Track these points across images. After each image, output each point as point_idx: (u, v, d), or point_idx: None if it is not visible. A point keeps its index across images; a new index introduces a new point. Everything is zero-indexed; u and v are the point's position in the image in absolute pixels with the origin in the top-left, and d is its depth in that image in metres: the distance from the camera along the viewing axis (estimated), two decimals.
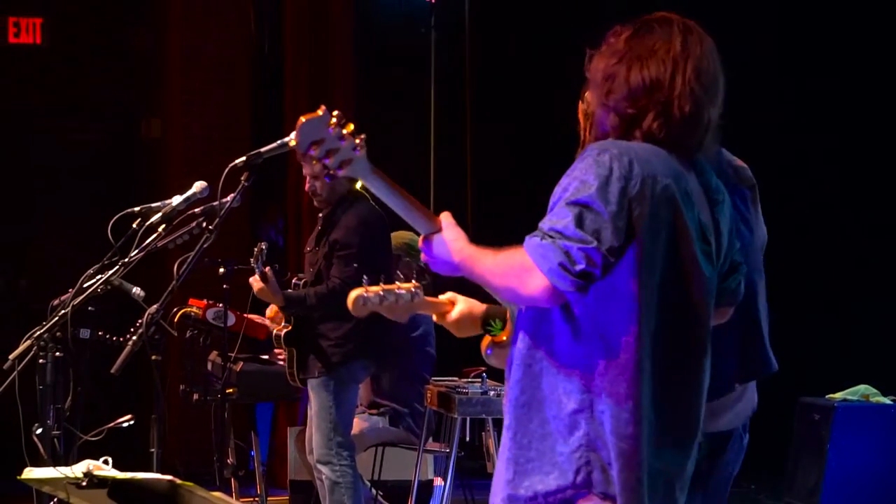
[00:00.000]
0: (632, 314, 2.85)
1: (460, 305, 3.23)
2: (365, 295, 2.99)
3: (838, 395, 7.81)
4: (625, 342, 2.85)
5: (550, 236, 2.82)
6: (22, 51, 9.76)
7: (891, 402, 7.77)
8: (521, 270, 2.84)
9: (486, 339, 3.19)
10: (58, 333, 4.46)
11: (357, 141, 2.78)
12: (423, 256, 3.04)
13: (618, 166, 2.85)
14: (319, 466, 6.39)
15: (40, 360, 4.53)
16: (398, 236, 6.86)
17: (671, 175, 2.92)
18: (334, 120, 2.76)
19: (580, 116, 4.11)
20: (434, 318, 3.31)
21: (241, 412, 7.69)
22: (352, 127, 2.77)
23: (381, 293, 3.03)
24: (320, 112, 2.76)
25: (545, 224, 2.85)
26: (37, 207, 9.74)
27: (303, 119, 2.76)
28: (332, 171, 2.78)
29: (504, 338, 3.14)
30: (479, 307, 3.24)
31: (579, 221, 2.81)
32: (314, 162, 2.76)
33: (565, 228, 2.81)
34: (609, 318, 2.85)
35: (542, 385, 2.91)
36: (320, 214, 6.55)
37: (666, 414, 2.91)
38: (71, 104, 10.00)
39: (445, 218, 3.01)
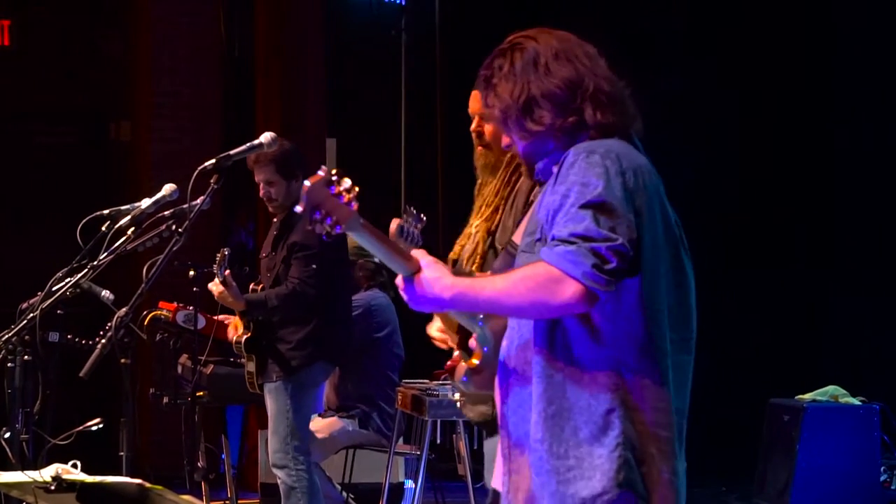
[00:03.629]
0: (650, 306, 2.88)
1: None
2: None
3: (808, 396, 7.84)
4: (650, 335, 2.88)
5: (572, 242, 2.80)
6: None
7: (859, 403, 7.80)
8: (549, 282, 2.80)
9: (461, 368, 3.11)
10: (26, 337, 4.43)
11: (351, 196, 2.81)
12: (404, 297, 2.97)
13: (610, 163, 2.86)
14: (276, 471, 6.37)
15: (9, 364, 4.52)
16: (351, 240, 6.83)
17: (647, 164, 2.95)
18: (334, 178, 2.80)
19: (474, 137, 4.08)
20: None
21: (211, 415, 7.67)
22: (347, 182, 2.81)
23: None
24: (321, 174, 2.80)
25: (561, 232, 2.83)
26: (5, 210, 9.68)
27: (307, 184, 2.78)
28: (330, 231, 2.81)
29: (475, 362, 3.08)
30: None
31: (597, 221, 2.80)
32: (318, 224, 2.80)
33: (587, 231, 2.80)
34: (629, 314, 2.87)
35: (568, 394, 2.90)
36: (275, 219, 6.53)
37: (677, 401, 2.95)
38: (39, 107, 9.94)
39: (422, 256, 2.96)
